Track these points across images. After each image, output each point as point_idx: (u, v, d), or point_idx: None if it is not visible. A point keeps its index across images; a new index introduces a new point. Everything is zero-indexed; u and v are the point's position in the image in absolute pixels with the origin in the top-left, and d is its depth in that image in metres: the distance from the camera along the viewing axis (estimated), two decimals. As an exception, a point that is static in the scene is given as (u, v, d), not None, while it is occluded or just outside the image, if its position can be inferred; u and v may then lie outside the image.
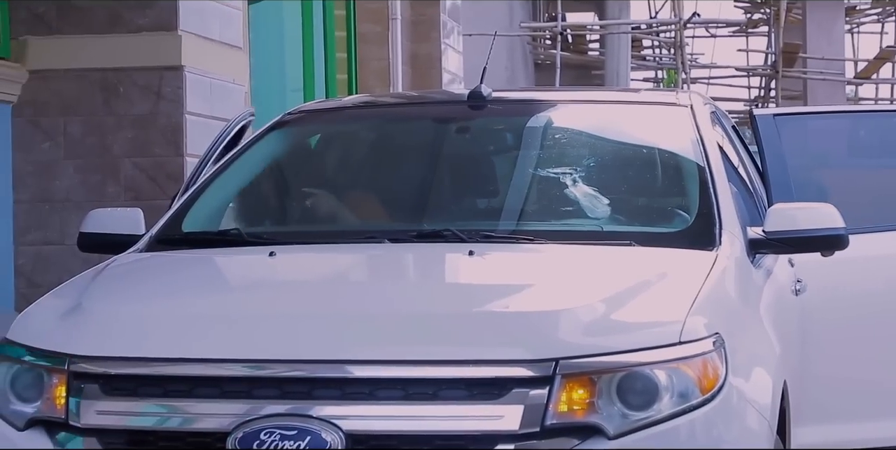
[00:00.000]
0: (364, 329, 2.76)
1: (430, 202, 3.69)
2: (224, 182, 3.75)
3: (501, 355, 2.68)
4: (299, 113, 4.07)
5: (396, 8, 8.83)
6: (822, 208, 3.49)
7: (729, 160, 3.99)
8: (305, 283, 3.11)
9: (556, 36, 17.74)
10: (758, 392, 2.87)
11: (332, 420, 2.62)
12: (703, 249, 3.23)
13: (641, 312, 2.85)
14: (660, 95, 4.18)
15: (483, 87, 3.90)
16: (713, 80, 22.31)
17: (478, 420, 2.63)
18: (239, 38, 6.30)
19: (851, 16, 20.90)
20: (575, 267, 3.15)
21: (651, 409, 2.68)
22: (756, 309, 3.22)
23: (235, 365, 2.69)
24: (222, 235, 3.46)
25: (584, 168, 3.70)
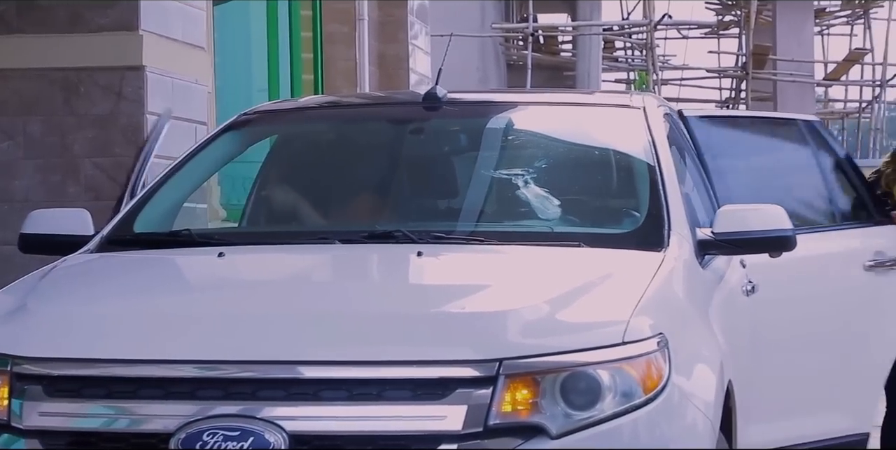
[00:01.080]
0: (309, 330, 2.78)
1: (382, 203, 3.71)
2: (177, 182, 3.76)
3: (445, 356, 2.70)
4: (254, 114, 4.07)
5: (363, 8, 8.83)
6: (771, 210, 3.52)
7: (683, 162, 4.03)
8: (251, 284, 3.12)
9: (528, 37, 17.78)
10: (701, 392, 2.90)
11: (276, 421, 2.63)
12: (651, 250, 3.26)
13: (586, 312, 2.88)
14: (613, 97, 4.21)
15: (438, 88, 3.91)
16: (685, 81, 22.41)
17: (421, 420, 2.65)
18: (202, 39, 6.28)
19: (821, 18, 21.04)
20: (522, 268, 3.17)
21: (594, 409, 2.70)
22: (702, 309, 3.25)
23: (180, 366, 2.70)
24: (173, 236, 3.47)
25: (536, 169, 3.72)
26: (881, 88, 19.09)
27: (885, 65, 19.04)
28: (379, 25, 9.21)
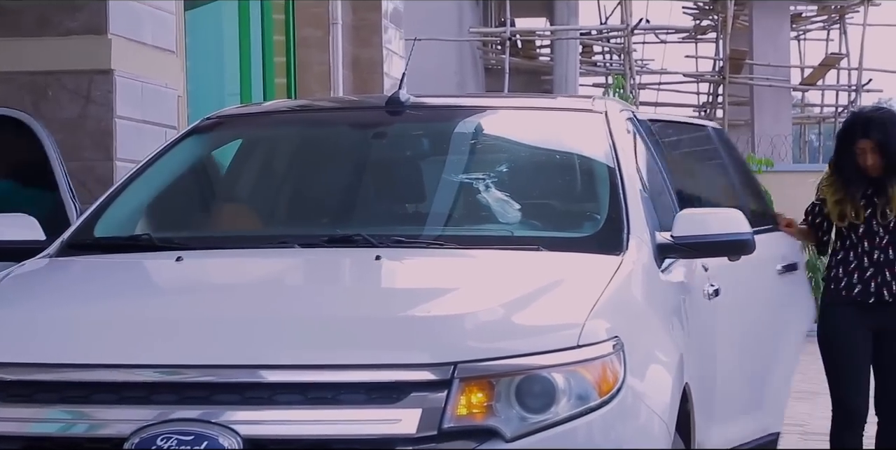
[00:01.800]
0: (263, 334, 2.78)
1: (343, 207, 3.72)
2: (139, 187, 3.76)
3: (400, 359, 2.71)
4: (217, 118, 4.08)
5: (338, 13, 8.84)
6: (729, 214, 3.55)
7: (646, 166, 4.05)
8: (207, 288, 3.13)
9: (506, 41, 17.81)
10: (656, 394, 2.92)
11: (231, 425, 2.64)
12: (610, 253, 3.28)
13: (541, 316, 2.89)
14: (576, 102, 4.23)
15: (402, 93, 3.92)
16: (663, 85, 22.50)
17: (376, 424, 2.66)
18: (172, 43, 6.29)
19: (798, 23, 21.16)
20: (480, 272, 3.18)
21: (549, 411, 2.72)
22: (660, 313, 3.27)
23: (134, 370, 2.70)
24: (133, 241, 3.47)
25: (498, 174, 3.74)
26: (857, 93, 19.20)
27: (861, 69, 19.16)
28: (353, 29, 9.22)
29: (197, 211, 3.87)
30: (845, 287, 4.63)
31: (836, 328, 4.65)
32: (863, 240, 4.62)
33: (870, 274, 4.60)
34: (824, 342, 4.69)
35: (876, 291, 4.60)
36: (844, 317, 4.63)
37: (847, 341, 4.62)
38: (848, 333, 4.62)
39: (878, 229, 4.60)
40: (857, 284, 4.61)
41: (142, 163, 3.86)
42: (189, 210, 3.85)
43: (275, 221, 3.78)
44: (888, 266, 4.60)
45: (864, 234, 4.62)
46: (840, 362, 4.65)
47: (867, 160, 4.54)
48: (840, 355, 4.65)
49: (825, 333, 4.69)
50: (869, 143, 4.52)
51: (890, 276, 4.59)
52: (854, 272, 4.62)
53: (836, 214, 4.62)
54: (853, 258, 4.63)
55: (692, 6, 21.26)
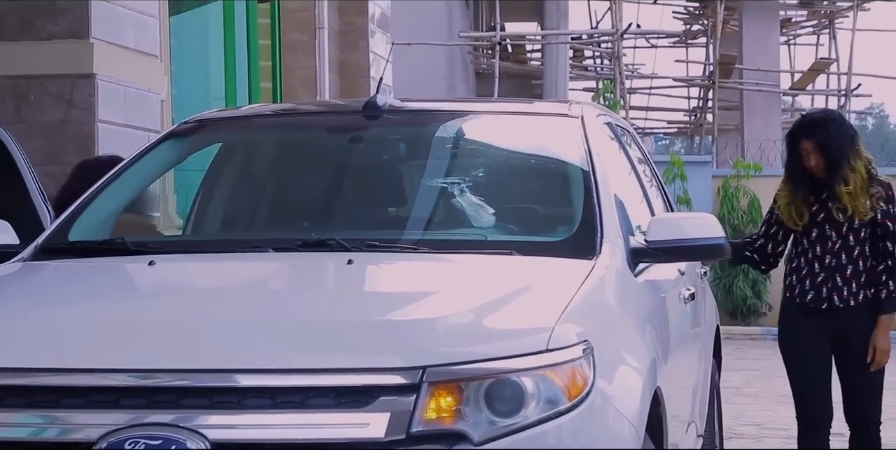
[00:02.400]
0: (232, 338, 2.78)
1: (319, 211, 3.72)
2: (115, 191, 3.76)
3: (368, 363, 2.71)
4: (195, 122, 4.08)
5: (324, 17, 8.85)
6: (703, 218, 3.56)
7: (622, 171, 4.06)
8: (178, 292, 3.13)
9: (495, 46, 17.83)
10: (626, 399, 2.92)
11: (199, 429, 2.63)
12: (583, 258, 3.28)
13: (511, 320, 2.89)
14: (552, 107, 4.23)
15: (379, 97, 3.93)
16: (654, 90, 22.55)
17: (344, 428, 2.65)
18: (155, 47, 6.29)
19: (788, 28, 21.21)
20: (451, 276, 3.19)
21: (518, 415, 2.72)
22: (632, 317, 3.27)
23: (103, 375, 2.70)
24: (107, 245, 3.46)
25: (473, 178, 3.74)
26: (846, 98, 19.24)
27: (850, 74, 19.21)
28: (339, 34, 9.24)
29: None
30: (799, 294, 4.66)
31: (794, 336, 4.68)
32: (815, 245, 4.64)
33: (821, 279, 4.62)
34: (784, 350, 4.73)
35: (827, 297, 4.62)
36: (800, 325, 4.66)
37: (804, 349, 4.65)
38: (805, 341, 4.64)
39: (831, 234, 4.62)
40: (809, 290, 4.64)
41: (119, 167, 3.87)
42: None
43: (250, 225, 3.78)
44: (839, 271, 4.61)
45: (817, 238, 4.64)
46: (799, 369, 4.68)
47: (811, 161, 4.58)
48: (799, 362, 4.68)
49: (784, 342, 4.72)
50: (810, 143, 4.56)
51: (841, 281, 4.61)
52: (806, 278, 4.64)
53: (787, 216, 4.65)
54: (805, 264, 4.65)
55: (682, 11, 21.32)
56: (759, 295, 14.31)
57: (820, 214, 4.62)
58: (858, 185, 4.55)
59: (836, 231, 4.60)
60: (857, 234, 4.59)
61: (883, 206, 4.59)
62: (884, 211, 4.59)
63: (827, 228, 4.60)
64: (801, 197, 4.61)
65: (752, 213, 14.67)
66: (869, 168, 4.60)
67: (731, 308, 14.67)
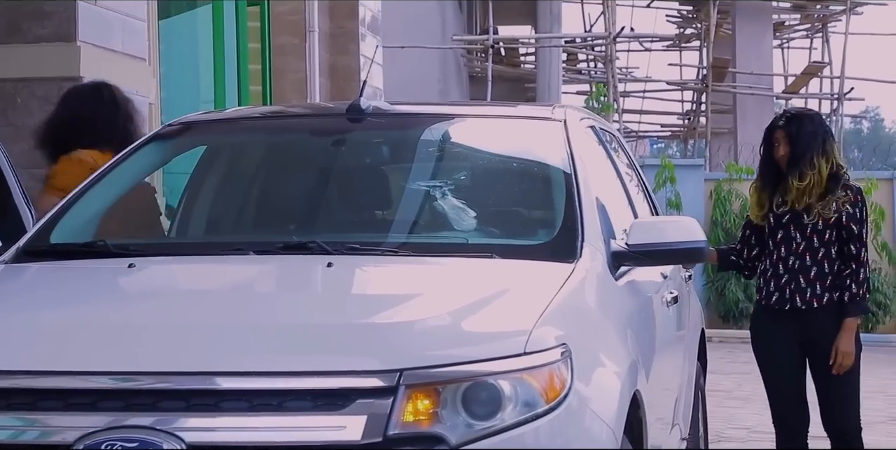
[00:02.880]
0: (210, 341, 2.79)
1: (301, 214, 3.73)
2: (98, 193, 3.76)
3: (346, 366, 2.72)
4: (179, 124, 4.09)
5: (314, 20, 8.87)
6: (684, 222, 3.57)
7: (604, 174, 4.07)
8: (156, 294, 3.13)
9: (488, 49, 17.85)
10: (603, 401, 2.92)
11: (176, 432, 2.64)
12: (563, 261, 3.29)
13: (490, 323, 2.90)
14: (535, 110, 4.24)
15: (362, 100, 3.93)
16: (648, 93, 22.59)
17: (321, 431, 2.66)
18: (143, 50, 6.30)
19: (781, 31, 21.25)
20: (431, 279, 3.19)
21: (495, 418, 2.72)
22: (612, 320, 3.28)
23: (81, 377, 2.70)
24: (88, 247, 3.47)
25: (455, 181, 3.75)
26: (839, 102, 19.28)
27: (843, 78, 19.25)
28: (330, 37, 9.25)
29: None
30: (765, 296, 4.68)
31: (766, 344, 4.69)
32: (780, 246, 4.66)
33: (785, 280, 4.63)
34: (756, 355, 4.74)
35: (790, 298, 4.62)
36: (768, 329, 4.68)
37: (773, 354, 4.66)
38: (773, 346, 4.65)
39: (795, 235, 4.63)
40: (774, 291, 4.65)
41: (103, 168, 3.87)
42: None
43: (233, 227, 3.79)
44: (803, 272, 4.62)
45: (782, 240, 4.65)
46: (772, 377, 4.69)
47: (779, 151, 4.60)
48: (772, 370, 4.69)
49: (755, 347, 4.74)
50: (782, 133, 4.61)
51: (805, 282, 4.61)
52: (772, 280, 4.66)
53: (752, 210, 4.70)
54: (770, 266, 4.67)
55: (675, 14, 21.35)
56: (752, 298, 14.30)
57: (785, 216, 4.64)
58: (814, 182, 4.56)
59: (801, 232, 4.61)
60: (821, 236, 4.60)
61: (849, 209, 4.60)
62: (849, 214, 4.60)
63: (791, 230, 4.61)
64: (764, 187, 4.65)
65: (744, 216, 14.69)
66: (838, 172, 4.60)
67: (723, 311, 14.69)
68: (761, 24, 19.36)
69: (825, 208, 4.57)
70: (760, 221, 4.67)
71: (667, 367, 3.98)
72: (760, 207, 4.67)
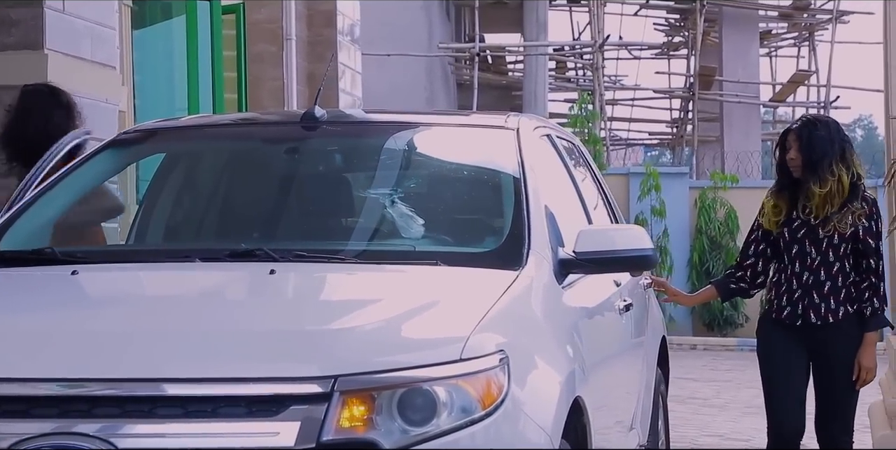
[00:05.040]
0: (146, 348, 2.80)
1: (251, 222, 3.74)
2: (50, 200, 3.77)
3: (280, 373, 2.73)
4: (135, 132, 4.10)
5: (291, 28, 8.89)
6: (631, 230, 3.58)
7: (557, 183, 4.09)
8: (93, 301, 3.14)
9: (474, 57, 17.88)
10: (541, 408, 2.93)
11: (109, 438, 2.65)
12: (507, 269, 3.30)
13: (427, 330, 2.92)
14: (489, 118, 4.25)
15: (317, 108, 3.95)
16: (637, 101, 22.64)
17: (254, 437, 2.67)
18: (112, 58, 6.31)
19: (768, 40, 21.31)
20: (373, 286, 3.21)
21: (430, 424, 2.74)
22: (554, 327, 3.29)
23: (13, 384, 2.71)
24: (36, 254, 3.48)
25: (406, 189, 3.77)
26: (825, 110, 19.32)
27: (829, 86, 19.30)
28: (308, 45, 9.27)
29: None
30: (776, 309, 4.63)
31: (769, 352, 4.64)
32: (795, 261, 4.57)
33: (798, 296, 4.56)
34: (760, 358, 4.70)
35: (803, 314, 4.56)
36: (776, 340, 4.63)
37: (779, 365, 4.61)
38: (780, 357, 4.61)
39: (811, 250, 4.57)
40: (786, 306, 4.58)
41: (56, 175, 3.88)
42: None
43: (185, 235, 3.80)
44: (816, 288, 4.54)
45: (797, 255, 4.59)
46: (773, 384, 4.64)
47: (790, 154, 4.54)
48: (773, 378, 4.64)
49: (763, 352, 4.68)
50: (794, 135, 4.55)
51: (818, 298, 4.54)
52: (784, 295, 4.59)
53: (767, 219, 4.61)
54: (784, 280, 4.59)
55: (664, 23, 21.41)
56: (737, 306, 14.35)
57: (801, 230, 4.55)
58: (834, 190, 4.49)
59: (816, 247, 4.53)
60: (836, 249, 4.54)
61: (865, 222, 4.52)
62: (865, 227, 4.53)
63: (807, 244, 4.54)
64: (779, 193, 4.58)
65: (729, 224, 14.72)
66: (857, 182, 4.53)
67: (708, 319, 14.71)
68: (748, 33, 19.41)
69: (841, 221, 4.51)
70: (775, 228, 4.57)
71: (619, 373, 3.99)
72: (776, 214, 4.58)
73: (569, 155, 4.50)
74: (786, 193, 4.60)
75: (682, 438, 7.50)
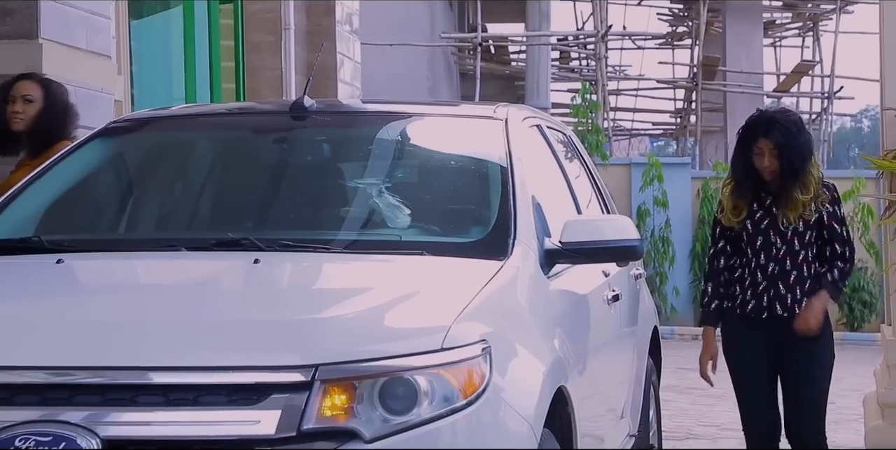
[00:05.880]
0: (128, 336, 2.82)
1: (239, 211, 3.75)
2: (39, 189, 3.79)
3: (261, 361, 2.75)
4: (125, 121, 4.11)
5: (290, 18, 8.88)
6: (618, 220, 3.59)
7: (546, 173, 4.09)
8: (75, 290, 3.16)
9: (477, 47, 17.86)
10: (523, 397, 2.94)
11: (91, 426, 2.66)
12: (492, 259, 3.31)
13: (409, 319, 2.93)
14: (478, 109, 4.25)
15: (306, 98, 3.96)
16: (640, 91, 22.59)
17: (235, 425, 2.69)
18: (108, 47, 6.31)
19: (773, 30, 21.24)
20: (357, 276, 3.22)
21: (411, 413, 2.75)
22: (537, 317, 3.30)
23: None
24: (23, 243, 3.49)
25: (394, 179, 3.78)
26: (829, 100, 19.27)
27: (833, 77, 19.24)
28: (307, 35, 9.26)
29: (96, 213, 3.89)
30: (740, 304, 4.46)
31: (734, 351, 4.51)
32: (759, 253, 4.43)
33: (762, 287, 4.42)
34: (728, 360, 4.56)
35: (768, 306, 4.42)
36: (742, 337, 4.46)
37: (746, 359, 4.47)
38: (746, 351, 4.47)
39: (776, 240, 4.42)
40: (750, 299, 4.43)
41: (44, 165, 3.89)
42: (90, 213, 3.87)
43: (173, 224, 3.81)
44: (782, 278, 4.42)
45: (762, 246, 4.43)
46: (743, 384, 4.52)
47: (763, 162, 4.35)
48: (739, 377, 4.52)
49: (726, 355, 4.55)
50: (768, 143, 4.32)
51: (784, 288, 4.41)
52: (748, 289, 4.44)
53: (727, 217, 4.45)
54: (748, 274, 4.44)
55: (667, 12, 21.35)
56: (738, 297, 14.31)
57: (764, 221, 4.42)
58: (814, 192, 4.39)
59: (781, 237, 4.41)
60: (801, 238, 4.42)
61: (829, 207, 4.42)
62: (830, 212, 4.43)
63: (771, 235, 4.41)
64: (742, 196, 4.41)
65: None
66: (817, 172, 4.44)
67: (708, 311, 14.68)
68: (752, 23, 19.35)
69: (806, 210, 4.39)
70: (737, 225, 4.42)
71: (607, 363, 3.99)
72: (737, 214, 4.43)
73: (561, 146, 4.50)
74: (749, 193, 4.43)
75: (680, 427, 7.51)
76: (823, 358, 4.48)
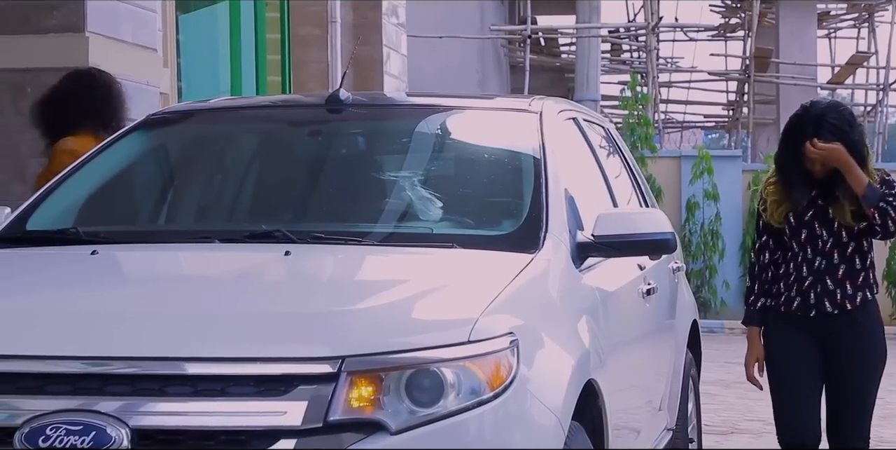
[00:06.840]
0: (158, 327, 2.85)
1: (273, 203, 3.78)
2: (78, 181, 3.84)
3: (288, 353, 2.76)
4: (163, 114, 4.15)
5: (336, 11, 8.91)
6: (650, 213, 3.57)
7: (583, 166, 4.08)
8: (107, 281, 3.19)
9: (526, 39, 17.81)
10: (550, 390, 2.94)
11: (121, 416, 2.70)
12: (523, 252, 3.31)
13: (437, 312, 2.94)
14: (513, 102, 4.24)
15: (342, 91, 3.98)
16: (693, 84, 22.42)
17: (262, 416, 2.71)
18: (154, 40, 6.38)
19: (826, 21, 20.97)
20: (387, 268, 3.23)
21: (437, 405, 2.76)
22: (568, 310, 3.29)
23: (26, 361, 2.77)
24: (60, 234, 3.54)
25: (427, 172, 3.79)
26: (884, 92, 19.01)
27: (888, 68, 18.97)
28: (353, 28, 9.28)
29: (134, 206, 3.93)
30: (784, 302, 4.21)
31: (776, 352, 4.21)
32: (805, 247, 4.16)
33: (808, 283, 4.16)
34: (767, 366, 4.27)
35: (815, 303, 4.16)
36: (785, 339, 4.19)
37: (788, 365, 4.18)
38: (788, 357, 4.18)
39: (822, 232, 4.15)
40: (795, 296, 4.17)
41: (84, 157, 3.95)
42: (127, 205, 3.92)
43: (207, 215, 3.85)
44: (829, 273, 4.14)
45: (807, 240, 4.16)
46: (780, 387, 4.22)
47: (816, 166, 4.06)
48: (779, 380, 4.22)
49: (767, 357, 4.26)
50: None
51: (833, 284, 4.14)
52: (793, 285, 4.17)
53: (771, 214, 4.20)
54: (793, 269, 4.18)
55: (720, 4, 21.16)
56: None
57: (809, 212, 4.14)
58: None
59: (827, 229, 4.13)
60: (850, 229, 4.10)
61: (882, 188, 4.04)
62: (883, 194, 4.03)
63: (817, 227, 4.13)
64: (796, 201, 4.10)
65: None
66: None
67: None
68: (805, 14, 19.13)
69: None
70: (782, 220, 4.14)
71: (642, 356, 3.98)
72: (783, 212, 4.14)
73: (599, 140, 4.48)
74: (797, 193, 4.10)
75: (725, 422, 7.45)
76: (875, 362, 4.20)
